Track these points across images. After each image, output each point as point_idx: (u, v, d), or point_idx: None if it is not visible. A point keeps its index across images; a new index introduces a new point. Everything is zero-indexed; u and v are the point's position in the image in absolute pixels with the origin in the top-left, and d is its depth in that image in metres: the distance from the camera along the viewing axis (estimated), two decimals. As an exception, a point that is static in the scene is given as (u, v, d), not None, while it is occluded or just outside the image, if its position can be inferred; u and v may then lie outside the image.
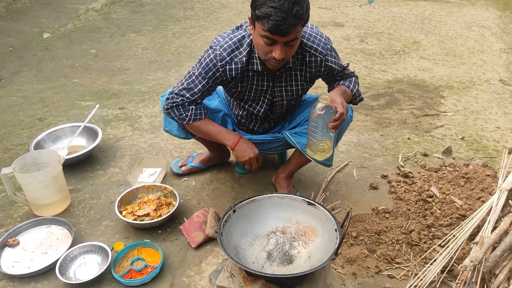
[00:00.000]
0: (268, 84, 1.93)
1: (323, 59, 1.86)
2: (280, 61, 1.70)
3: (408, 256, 1.94)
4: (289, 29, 1.56)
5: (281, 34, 1.58)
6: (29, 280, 1.82)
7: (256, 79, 1.90)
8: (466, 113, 3.13)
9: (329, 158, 2.00)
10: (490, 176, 2.23)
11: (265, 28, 1.58)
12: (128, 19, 5.31)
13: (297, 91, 1.97)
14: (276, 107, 2.03)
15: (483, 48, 4.25)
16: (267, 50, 1.67)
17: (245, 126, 2.17)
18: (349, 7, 5.56)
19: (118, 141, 2.72)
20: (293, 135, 1.99)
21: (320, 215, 1.68)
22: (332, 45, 1.92)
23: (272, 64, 1.73)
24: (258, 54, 1.77)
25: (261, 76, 1.89)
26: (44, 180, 2.02)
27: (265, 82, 1.92)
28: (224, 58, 1.80)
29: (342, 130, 1.99)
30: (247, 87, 1.93)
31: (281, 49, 1.64)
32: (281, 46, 1.63)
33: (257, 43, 1.70)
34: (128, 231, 2.05)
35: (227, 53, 1.80)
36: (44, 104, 3.29)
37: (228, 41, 1.81)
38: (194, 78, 1.86)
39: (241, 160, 1.97)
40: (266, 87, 1.93)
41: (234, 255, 1.59)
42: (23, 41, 4.67)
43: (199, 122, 1.92)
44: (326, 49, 1.86)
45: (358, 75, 3.68)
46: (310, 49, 1.84)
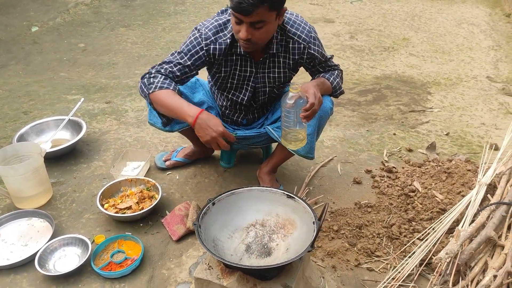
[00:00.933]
0: (252, 70, 1.94)
1: (306, 46, 1.88)
2: (248, 42, 1.71)
3: (388, 250, 1.95)
4: (250, 9, 1.58)
5: (242, 13, 1.61)
6: (8, 272, 1.81)
7: (240, 64, 1.92)
8: (452, 109, 3.15)
9: (310, 151, 2.01)
10: (471, 171, 2.24)
11: (230, 6, 1.65)
12: (118, 13, 5.29)
13: (280, 78, 1.98)
14: (258, 94, 2.03)
15: (471, 45, 4.27)
16: (236, 29, 1.71)
17: (229, 117, 2.17)
18: (341, 4, 5.56)
19: (103, 135, 2.71)
20: (275, 129, 2.00)
21: (299, 208, 1.69)
22: (317, 35, 1.94)
23: (242, 45, 1.77)
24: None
25: (244, 62, 1.91)
26: (24, 172, 2.01)
27: (248, 68, 1.93)
28: (209, 37, 1.81)
29: (321, 123, 1.98)
30: (230, 72, 1.94)
31: (246, 29, 1.66)
32: (246, 26, 1.66)
33: (232, 23, 1.76)
34: (110, 224, 2.04)
35: (212, 33, 1.82)
36: (30, 98, 3.27)
37: (213, 22, 1.85)
38: (176, 54, 1.85)
39: (203, 141, 1.75)
40: (249, 73, 1.95)
41: (212, 247, 1.59)
42: (11, 35, 4.64)
43: (165, 91, 1.76)
44: (309, 37, 1.88)
45: (346, 71, 3.73)
46: (293, 36, 1.86)
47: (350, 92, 3.42)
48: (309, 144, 1.96)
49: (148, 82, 1.80)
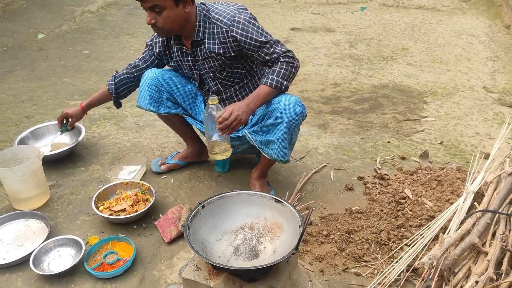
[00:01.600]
0: (191, 59, 2.11)
1: (227, 30, 1.95)
2: (154, 27, 1.91)
3: (376, 255, 1.98)
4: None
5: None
6: (4, 271, 1.86)
7: (180, 55, 2.12)
8: (447, 118, 3.18)
9: (282, 154, 2.01)
10: (460, 179, 2.27)
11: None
12: (122, 21, 5.39)
13: (215, 63, 2.04)
14: (207, 80, 2.14)
15: (470, 55, 4.30)
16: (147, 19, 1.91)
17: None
18: (342, 13, 5.63)
19: (102, 139, 2.77)
20: (252, 133, 2.04)
21: (287, 212, 1.73)
22: (245, 19, 1.94)
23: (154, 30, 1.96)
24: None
25: (181, 52, 2.11)
26: (22, 174, 2.07)
27: (187, 58, 2.12)
28: (153, 34, 2.16)
29: (292, 127, 1.96)
30: (177, 62, 2.16)
31: (148, 14, 1.87)
32: (148, 11, 1.86)
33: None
34: (104, 226, 2.09)
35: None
36: (33, 103, 3.34)
37: None
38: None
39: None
40: (191, 62, 2.12)
41: (200, 249, 1.63)
42: (17, 41, 4.74)
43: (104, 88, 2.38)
44: (231, 20, 1.94)
45: (344, 79, 3.78)
46: (216, 21, 1.97)
47: (347, 100, 3.47)
48: (281, 148, 1.99)
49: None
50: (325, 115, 3.25)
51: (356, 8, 5.85)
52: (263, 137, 1.99)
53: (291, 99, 1.94)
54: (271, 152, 2.01)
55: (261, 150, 2.02)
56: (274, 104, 1.94)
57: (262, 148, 2.01)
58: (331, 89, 3.66)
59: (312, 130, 3.00)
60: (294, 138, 2.06)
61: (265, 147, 2.01)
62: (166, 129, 2.86)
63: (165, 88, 2.15)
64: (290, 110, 1.92)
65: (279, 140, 1.96)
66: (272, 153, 2.00)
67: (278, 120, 1.93)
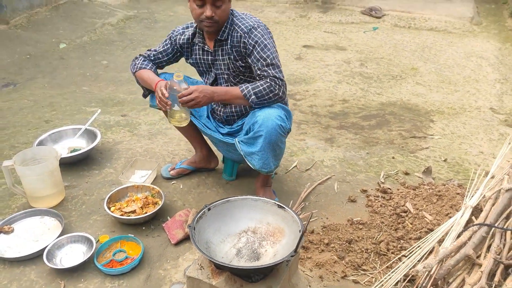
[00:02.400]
0: (211, 59, 2.23)
1: (242, 36, 2.08)
2: (212, 20, 2.02)
3: (375, 265, 2.04)
4: None
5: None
6: (18, 264, 1.97)
7: (201, 53, 2.25)
8: (452, 137, 3.24)
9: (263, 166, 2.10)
10: (460, 195, 2.33)
11: None
12: (141, 34, 5.58)
13: (230, 66, 2.17)
14: (220, 80, 2.25)
15: (478, 77, 4.37)
16: (199, 12, 2.02)
17: (216, 112, 2.39)
18: (354, 33, 5.75)
19: (116, 145, 2.89)
20: (240, 143, 2.12)
21: (288, 217, 1.81)
22: (262, 34, 2.07)
23: (206, 25, 2.04)
24: (195, 21, 2.11)
25: (202, 50, 2.23)
26: (40, 173, 2.19)
27: (207, 57, 2.23)
28: (178, 30, 2.29)
29: (272, 140, 2.02)
30: (196, 59, 2.28)
31: (210, 8, 1.99)
32: (209, 5, 1.99)
33: (192, 10, 2.06)
34: (115, 225, 2.19)
35: (182, 28, 2.28)
36: (52, 108, 3.50)
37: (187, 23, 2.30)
38: (157, 45, 2.36)
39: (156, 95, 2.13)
40: (210, 61, 2.24)
41: (205, 249, 1.71)
42: (40, 50, 4.95)
43: (143, 70, 2.26)
44: (249, 29, 2.08)
45: (353, 96, 3.87)
46: (236, 26, 2.11)
47: (355, 116, 3.55)
48: (262, 160, 2.07)
49: (133, 64, 2.33)
50: (332, 129, 3.33)
51: (368, 28, 5.96)
52: (248, 148, 2.09)
53: (270, 113, 2.00)
54: (254, 163, 2.11)
55: (246, 159, 2.13)
56: (254, 118, 2.03)
57: (247, 158, 2.12)
58: (340, 105, 3.75)
59: (319, 144, 3.08)
60: (278, 150, 2.10)
61: (250, 157, 2.11)
62: (178, 138, 2.97)
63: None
64: (267, 124, 1.98)
65: (259, 152, 2.06)
66: (255, 163, 2.10)
67: (257, 134, 2.02)
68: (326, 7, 6.85)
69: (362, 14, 6.46)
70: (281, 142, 2.10)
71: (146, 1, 6.96)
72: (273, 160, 2.12)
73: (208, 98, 2.04)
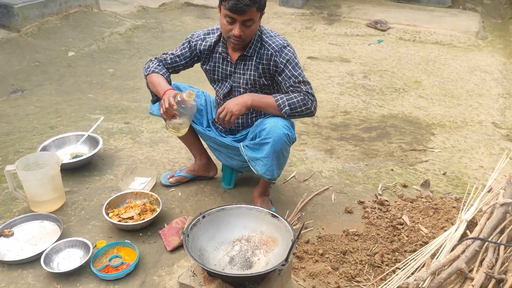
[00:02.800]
0: (230, 70, 2.23)
1: (273, 54, 2.11)
2: (239, 39, 2.03)
3: (369, 276, 2.04)
4: (245, 8, 1.93)
5: (238, 12, 1.94)
6: (16, 267, 2.00)
7: (221, 62, 2.24)
8: (453, 151, 3.24)
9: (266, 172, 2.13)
10: (456, 208, 2.33)
11: (226, 7, 1.96)
12: (148, 43, 5.67)
13: (252, 81, 2.18)
14: (235, 92, 2.26)
15: (482, 91, 4.37)
16: (228, 28, 2.02)
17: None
18: (358, 45, 5.79)
19: (118, 152, 2.93)
20: (245, 147, 2.17)
21: (282, 226, 1.83)
22: (291, 50, 2.13)
23: (232, 42, 2.06)
24: (223, 34, 2.11)
25: (224, 60, 2.22)
26: (41, 178, 2.23)
27: (226, 67, 2.23)
28: (199, 35, 2.26)
29: (277, 148, 2.05)
30: (213, 67, 2.27)
31: (239, 27, 1.99)
32: (239, 24, 1.99)
33: (221, 24, 2.07)
34: (112, 231, 2.22)
35: (203, 34, 2.26)
36: (58, 115, 3.56)
37: (207, 29, 2.29)
38: (173, 48, 2.31)
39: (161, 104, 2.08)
40: (229, 72, 2.24)
41: (198, 256, 1.74)
42: (49, 58, 5.04)
43: (155, 74, 2.20)
44: (280, 47, 2.11)
45: (355, 108, 3.90)
46: (265, 43, 2.13)
47: (356, 128, 3.57)
48: (266, 166, 2.11)
49: (146, 66, 2.27)
50: (332, 141, 3.35)
51: (373, 40, 6.00)
52: (253, 153, 2.13)
53: (278, 122, 2.06)
54: (258, 168, 2.14)
55: (250, 164, 2.17)
56: (262, 125, 2.09)
57: (251, 163, 2.16)
58: (341, 117, 3.78)
59: (318, 154, 3.10)
60: (282, 159, 2.15)
61: (254, 162, 2.14)
62: (178, 146, 3.01)
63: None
64: (275, 132, 2.03)
65: (264, 158, 2.09)
66: (258, 169, 2.13)
67: (264, 140, 2.07)
68: (331, 19, 6.91)
69: (368, 26, 6.50)
70: (286, 151, 2.15)
71: (154, 11, 7.07)
72: (276, 168, 2.15)
73: (241, 105, 2.07)
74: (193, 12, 7.11)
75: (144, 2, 7.32)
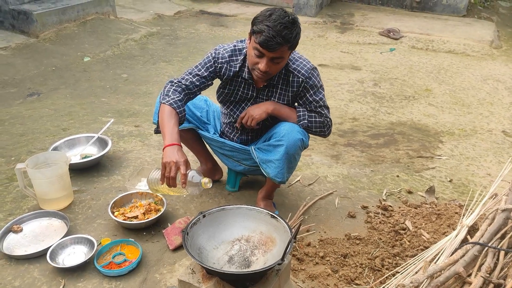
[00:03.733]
0: (252, 94, 2.20)
1: (304, 80, 2.11)
2: (264, 73, 1.99)
3: (369, 279, 2.05)
4: (276, 47, 1.87)
5: (268, 49, 1.88)
6: (23, 262, 2.06)
7: (243, 86, 2.19)
8: (461, 158, 3.22)
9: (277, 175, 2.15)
10: (458, 214, 2.32)
11: (257, 41, 1.90)
12: (162, 50, 5.77)
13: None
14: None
15: (493, 100, 4.33)
16: (255, 61, 1.97)
17: (227, 135, 2.42)
18: (370, 53, 5.80)
19: (127, 154, 3.00)
20: (256, 150, 2.21)
21: (280, 227, 1.85)
22: (318, 75, 2.15)
23: (256, 74, 2.02)
24: (248, 64, 2.06)
25: (247, 85, 2.18)
26: (50, 177, 2.30)
27: (249, 92, 2.20)
28: (224, 57, 2.13)
29: (290, 152, 2.08)
30: (233, 91, 2.21)
31: (266, 62, 1.93)
32: (267, 60, 1.93)
33: (249, 53, 2.02)
34: (117, 230, 2.27)
35: (228, 55, 2.13)
36: (71, 117, 3.65)
37: (231, 46, 2.16)
38: (194, 67, 2.15)
39: (162, 162, 1.87)
40: (250, 96, 2.21)
41: (197, 254, 1.77)
42: (65, 63, 5.17)
43: (169, 109, 2.00)
44: (309, 72, 2.12)
45: (364, 115, 3.90)
46: (294, 71, 2.11)
47: (363, 135, 3.57)
48: (277, 168, 2.13)
49: (165, 91, 2.08)
50: (339, 147, 3.37)
51: (385, 48, 6.00)
52: (264, 156, 2.16)
53: (293, 127, 2.11)
54: (269, 171, 2.16)
55: (261, 167, 2.19)
56: (277, 128, 2.14)
57: (262, 166, 2.18)
58: (349, 123, 3.78)
59: (324, 160, 3.12)
60: (293, 163, 2.19)
61: (265, 164, 2.17)
62: (185, 149, 3.05)
63: None
64: (290, 136, 2.08)
65: (277, 161, 2.11)
66: (270, 171, 2.15)
67: (279, 143, 2.10)
68: (344, 27, 6.93)
69: (380, 35, 6.51)
70: (298, 155, 2.18)
71: (169, 19, 7.20)
72: (286, 172, 2.18)
73: (263, 110, 2.12)
74: (208, 20, 7.22)
75: (160, 10, 7.46)
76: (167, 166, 1.84)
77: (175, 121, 1.99)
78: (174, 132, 1.94)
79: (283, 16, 1.88)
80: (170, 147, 1.88)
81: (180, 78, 2.12)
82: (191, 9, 7.68)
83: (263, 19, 1.89)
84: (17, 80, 4.58)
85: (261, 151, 2.19)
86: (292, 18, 1.91)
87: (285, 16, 1.89)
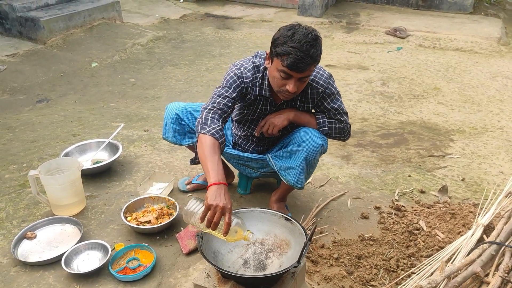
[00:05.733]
0: (271, 109, 2.18)
1: (322, 91, 2.10)
2: (293, 94, 1.96)
3: (384, 281, 2.03)
4: (306, 67, 1.82)
5: (298, 70, 1.83)
6: (38, 268, 2.07)
7: (263, 103, 2.16)
8: (472, 157, 3.20)
9: (298, 181, 2.14)
10: (473, 213, 2.30)
11: (284, 64, 1.82)
12: (168, 54, 5.79)
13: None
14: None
15: (503, 97, 4.30)
16: (281, 83, 1.91)
17: (241, 146, 2.39)
18: (377, 53, 5.77)
19: (137, 158, 3.00)
20: (274, 158, 2.19)
21: (295, 229, 1.84)
22: (334, 83, 2.15)
23: (284, 95, 1.98)
24: (272, 86, 1.99)
25: (266, 102, 2.15)
26: (63, 183, 2.31)
27: (268, 107, 2.17)
28: (248, 77, 2.06)
29: (309, 157, 2.08)
30: (253, 109, 2.18)
31: (295, 83, 1.88)
32: (295, 80, 1.88)
33: (273, 76, 1.94)
34: (131, 234, 2.28)
35: (251, 74, 2.06)
36: (80, 123, 3.67)
37: (250, 64, 2.08)
38: (221, 89, 2.03)
39: (207, 203, 1.69)
40: (269, 112, 2.19)
41: (212, 258, 1.77)
42: (73, 68, 5.21)
43: (211, 140, 1.85)
44: (327, 82, 2.10)
45: (373, 115, 3.89)
46: (312, 82, 2.08)
47: (373, 135, 3.56)
48: (298, 175, 2.13)
49: (203, 120, 1.93)
50: (349, 147, 3.35)
51: (392, 48, 5.98)
52: (283, 163, 2.15)
53: (313, 133, 2.11)
54: (289, 178, 2.15)
55: (280, 174, 2.17)
56: (297, 133, 2.13)
57: (281, 173, 2.16)
58: (359, 123, 3.77)
59: (335, 161, 3.11)
60: (312, 168, 2.19)
61: (284, 172, 2.15)
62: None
63: (185, 122, 2.29)
64: (310, 141, 2.08)
65: (297, 167, 2.10)
66: (289, 178, 2.14)
67: (298, 148, 2.09)
68: (350, 27, 6.91)
69: (387, 34, 6.48)
70: (317, 160, 2.18)
71: (175, 23, 7.22)
72: (304, 177, 2.18)
73: (284, 118, 2.12)
74: (213, 22, 7.23)
75: (165, 13, 7.49)
76: (212, 209, 1.67)
77: (219, 156, 1.85)
78: (220, 169, 1.80)
79: (306, 34, 1.81)
80: (216, 186, 1.72)
81: (212, 102, 2.00)
82: (196, 12, 7.70)
83: (286, 40, 1.81)
84: (26, 86, 4.61)
85: (278, 159, 2.17)
86: (315, 34, 1.84)
87: (308, 34, 1.81)
